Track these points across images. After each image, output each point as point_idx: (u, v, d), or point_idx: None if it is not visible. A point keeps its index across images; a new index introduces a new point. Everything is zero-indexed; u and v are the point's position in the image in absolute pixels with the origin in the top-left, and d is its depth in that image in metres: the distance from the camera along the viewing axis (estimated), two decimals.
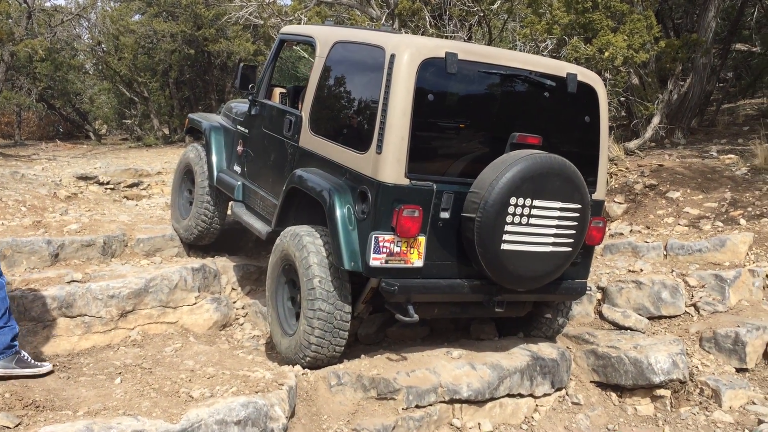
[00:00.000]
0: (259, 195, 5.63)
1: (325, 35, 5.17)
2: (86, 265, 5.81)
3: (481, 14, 10.42)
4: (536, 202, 4.34)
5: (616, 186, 8.40)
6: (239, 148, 6.07)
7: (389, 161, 4.19)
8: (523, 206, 4.31)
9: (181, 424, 3.31)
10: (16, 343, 4.01)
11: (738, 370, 5.42)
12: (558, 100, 4.71)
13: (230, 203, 6.47)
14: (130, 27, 17.55)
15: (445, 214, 4.38)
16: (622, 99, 10.25)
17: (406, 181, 4.23)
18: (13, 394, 3.52)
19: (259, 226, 5.45)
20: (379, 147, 4.22)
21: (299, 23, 10.81)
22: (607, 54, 8.15)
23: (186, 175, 6.77)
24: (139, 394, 3.65)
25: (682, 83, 10.58)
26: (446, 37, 11.00)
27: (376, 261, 4.22)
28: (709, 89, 11.75)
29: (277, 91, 5.90)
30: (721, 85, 13.76)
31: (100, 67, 19.59)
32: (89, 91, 23.03)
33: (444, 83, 4.35)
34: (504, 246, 4.31)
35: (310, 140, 4.97)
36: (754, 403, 5.10)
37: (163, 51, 18.29)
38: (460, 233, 4.43)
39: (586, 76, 4.83)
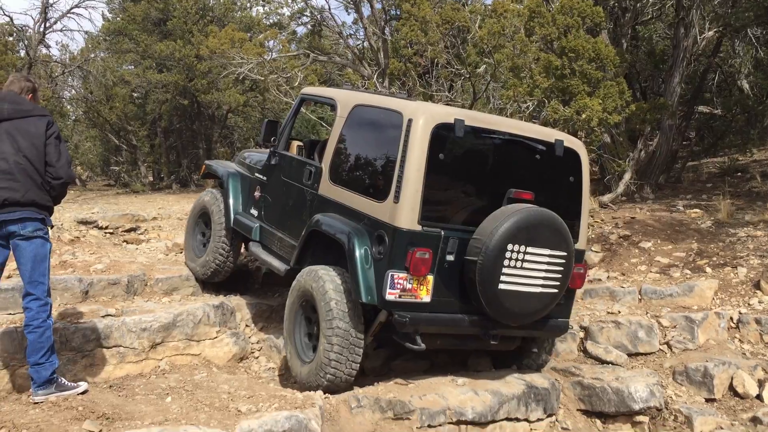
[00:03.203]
0: (277, 236, 6.20)
1: (346, 98, 5.84)
2: (113, 302, 6.28)
3: (467, 76, 11.25)
4: (529, 249, 5.01)
5: (593, 236, 9.11)
6: (257, 194, 6.65)
7: (405, 210, 4.83)
8: (519, 252, 4.97)
9: None
10: (55, 375, 4.46)
11: (707, 400, 6.04)
12: (547, 162, 5.43)
13: (242, 245, 7.02)
14: (124, 77, 18.12)
15: (450, 257, 5.02)
16: (595, 156, 11.09)
17: (418, 227, 4.86)
18: (85, 407, 4.00)
19: (278, 264, 6.01)
20: (397, 197, 4.85)
21: (297, 78, 11.57)
22: (584, 116, 8.97)
23: (200, 218, 7.31)
24: (194, 409, 4.15)
25: (650, 143, 11.48)
26: (431, 95, 11.82)
27: (391, 295, 4.83)
28: (675, 148, 12.70)
29: (295, 143, 6.54)
30: (685, 143, 14.74)
31: (90, 115, 20.10)
32: (75, 138, 23.45)
33: (452, 144, 5.03)
34: (501, 286, 4.96)
35: (329, 189, 5.58)
36: (722, 428, 5.71)
37: (153, 101, 18.85)
38: (462, 273, 5.06)
39: (571, 142, 5.58)
